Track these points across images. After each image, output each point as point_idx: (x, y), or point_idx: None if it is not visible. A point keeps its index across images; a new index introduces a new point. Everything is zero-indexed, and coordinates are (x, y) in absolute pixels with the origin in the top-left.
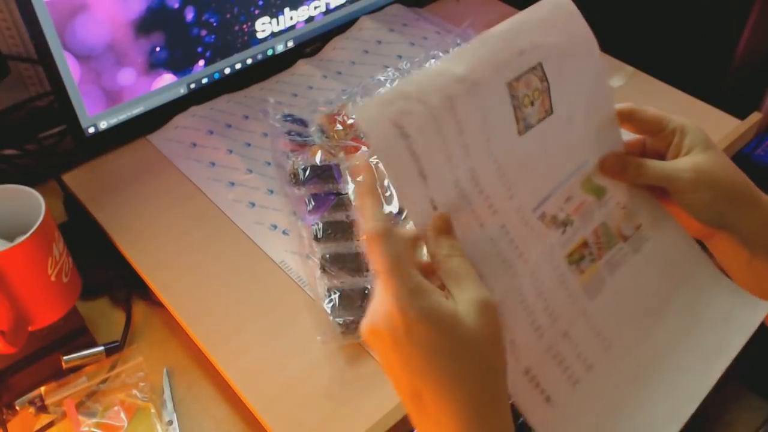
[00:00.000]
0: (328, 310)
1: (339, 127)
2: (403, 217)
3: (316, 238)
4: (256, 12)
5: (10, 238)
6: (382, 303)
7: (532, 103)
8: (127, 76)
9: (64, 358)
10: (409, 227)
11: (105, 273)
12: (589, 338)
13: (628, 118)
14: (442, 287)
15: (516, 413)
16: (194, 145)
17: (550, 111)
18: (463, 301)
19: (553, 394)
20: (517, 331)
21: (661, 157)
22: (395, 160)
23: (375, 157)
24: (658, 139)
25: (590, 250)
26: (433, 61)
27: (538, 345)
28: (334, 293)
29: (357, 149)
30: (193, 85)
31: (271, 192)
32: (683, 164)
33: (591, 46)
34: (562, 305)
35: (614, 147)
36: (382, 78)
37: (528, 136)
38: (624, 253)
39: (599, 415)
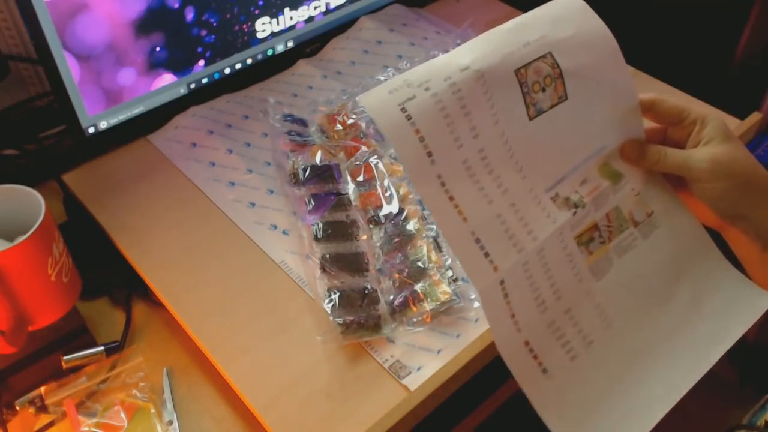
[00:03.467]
0: (328, 310)
1: (339, 127)
2: (403, 216)
3: (316, 238)
4: (256, 12)
5: (10, 238)
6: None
7: (543, 90)
8: (127, 76)
9: (64, 358)
10: (410, 227)
11: (105, 273)
12: (591, 316)
13: (649, 107)
14: None
15: (514, 384)
16: (194, 145)
17: (564, 97)
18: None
19: (551, 366)
20: (521, 304)
21: (681, 146)
22: (402, 141)
23: (375, 156)
24: (679, 129)
25: (600, 232)
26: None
27: (541, 319)
28: (334, 293)
29: (357, 149)
30: (193, 85)
31: (271, 192)
32: (701, 154)
33: (605, 38)
34: (568, 283)
35: (635, 134)
36: (382, 78)
37: (540, 121)
38: (633, 238)
39: (594, 390)
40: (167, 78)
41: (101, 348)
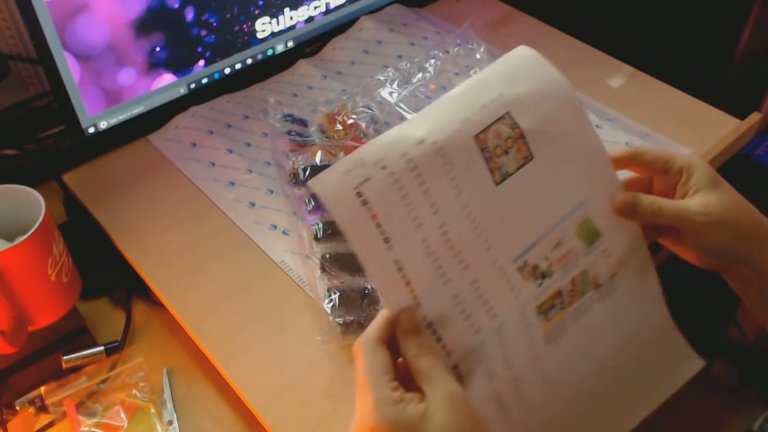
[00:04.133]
0: (328, 310)
1: (339, 127)
2: None
3: (316, 238)
4: (256, 12)
5: (10, 238)
6: (359, 415)
7: (506, 152)
8: (127, 76)
9: (64, 358)
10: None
11: (105, 273)
12: (538, 382)
13: (631, 160)
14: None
15: None
16: (194, 145)
17: (530, 157)
18: (433, 398)
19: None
20: (475, 385)
21: (668, 196)
22: (357, 229)
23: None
24: (665, 179)
25: (562, 298)
26: (432, 61)
27: (489, 389)
28: (334, 293)
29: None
30: (193, 85)
31: (271, 192)
32: (693, 206)
33: (563, 89)
34: (521, 354)
35: (612, 184)
36: (382, 78)
37: (507, 185)
38: (592, 301)
39: None
40: (167, 78)
41: (101, 348)
